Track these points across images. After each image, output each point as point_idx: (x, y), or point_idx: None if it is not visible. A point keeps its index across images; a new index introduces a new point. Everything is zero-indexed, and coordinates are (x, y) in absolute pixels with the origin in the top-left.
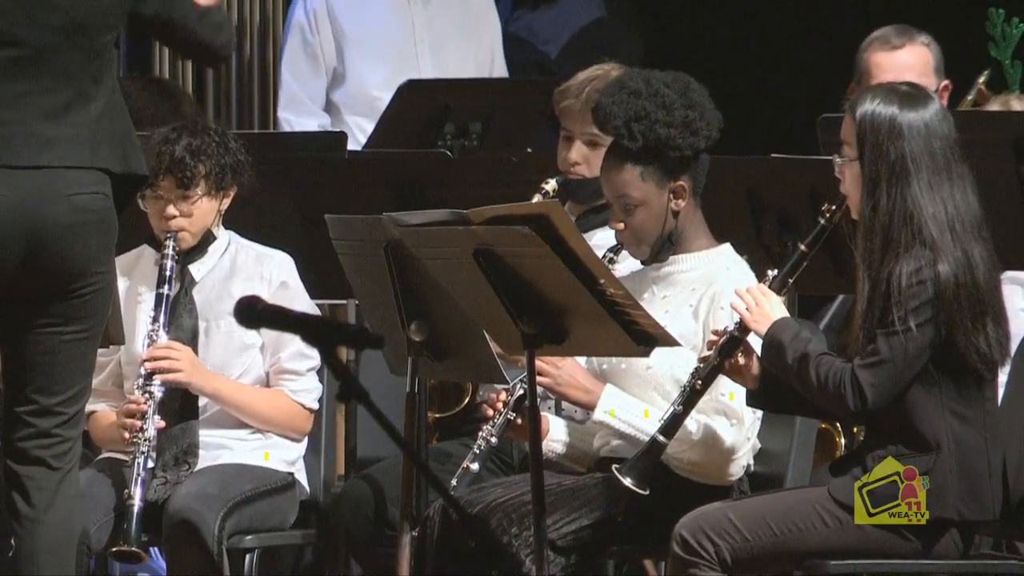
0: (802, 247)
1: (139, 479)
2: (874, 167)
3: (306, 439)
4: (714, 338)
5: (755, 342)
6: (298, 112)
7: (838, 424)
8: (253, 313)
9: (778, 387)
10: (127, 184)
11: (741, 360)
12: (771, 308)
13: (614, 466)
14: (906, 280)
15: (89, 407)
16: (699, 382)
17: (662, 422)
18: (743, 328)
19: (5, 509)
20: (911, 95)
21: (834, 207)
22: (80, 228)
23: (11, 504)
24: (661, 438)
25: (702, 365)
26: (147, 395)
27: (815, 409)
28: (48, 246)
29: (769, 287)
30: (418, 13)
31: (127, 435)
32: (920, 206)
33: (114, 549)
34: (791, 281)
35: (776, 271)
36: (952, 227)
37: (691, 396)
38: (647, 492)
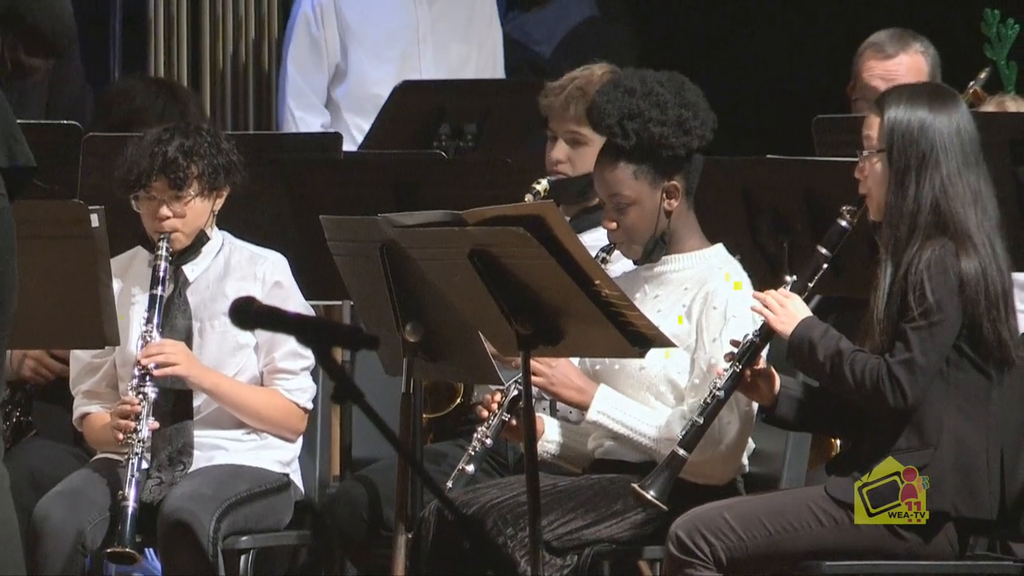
0: (822, 250)
1: (133, 480)
2: (904, 156)
3: (301, 440)
4: (732, 349)
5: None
6: (305, 108)
7: None
8: (249, 314)
9: (796, 404)
10: (16, 176)
11: (761, 364)
12: (795, 308)
13: (633, 484)
14: (927, 267)
15: (84, 409)
16: (721, 392)
17: (683, 435)
18: (765, 333)
19: None
20: (940, 95)
21: (855, 208)
22: None
23: None
24: (681, 452)
25: (719, 379)
26: (141, 396)
27: (831, 427)
28: None
29: (790, 291)
30: (423, 13)
31: (121, 436)
32: (948, 194)
33: (109, 550)
34: (811, 285)
35: (795, 276)
36: (978, 214)
37: (712, 408)
38: (668, 508)
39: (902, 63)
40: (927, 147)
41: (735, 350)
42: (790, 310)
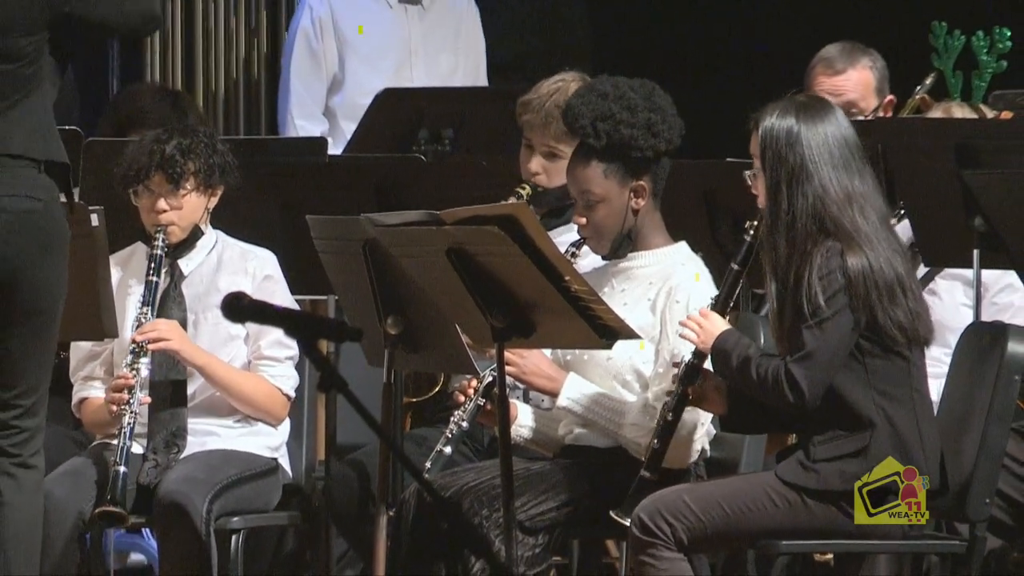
0: (734, 266)
1: (124, 448)
2: (775, 172)
3: (288, 426)
4: (675, 370)
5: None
6: (306, 116)
7: None
8: (239, 308)
9: (746, 409)
10: (59, 173)
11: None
12: (713, 325)
13: (611, 511)
14: (816, 273)
15: (82, 393)
16: (670, 414)
17: (645, 459)
18: (699, 354)
19: None
20: (809, 105)
21: (756, 223)
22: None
23: None
24: (647, 474)
25: (668, 398)
26: (134, 371)
27: (785, 425)
28: None
29: (712, 309)
30: (415, 25)
31: (115, 408)
32: (823, 200)
33: (98, 509)
34: (731, 302)
35: (716, 294)
36: (854, 210)
37: (665, 429)
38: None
39: (850, 78)
40: (796, 160)
41: (677, 371)
42: (707, 328)
